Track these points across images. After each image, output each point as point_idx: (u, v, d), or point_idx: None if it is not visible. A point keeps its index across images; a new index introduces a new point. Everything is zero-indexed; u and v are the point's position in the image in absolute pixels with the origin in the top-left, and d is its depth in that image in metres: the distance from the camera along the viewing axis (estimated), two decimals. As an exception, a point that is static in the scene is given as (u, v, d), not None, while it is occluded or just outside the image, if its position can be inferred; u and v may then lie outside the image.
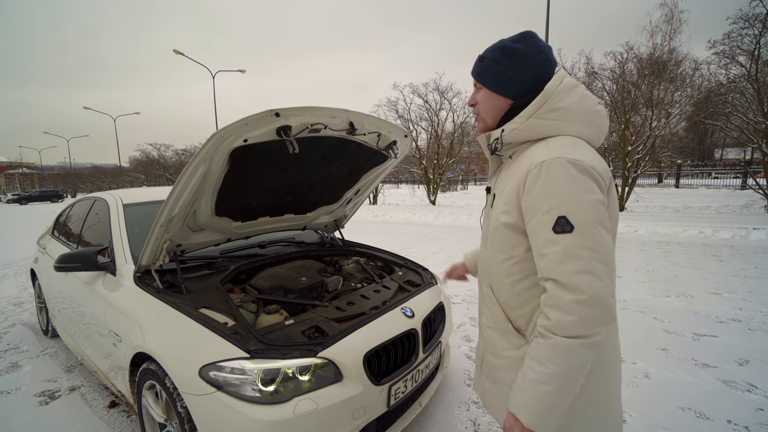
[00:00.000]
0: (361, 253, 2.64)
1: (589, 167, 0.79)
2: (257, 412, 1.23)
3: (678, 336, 2.92)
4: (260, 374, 1.29)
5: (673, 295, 3.87)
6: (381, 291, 2.01)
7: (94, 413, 2.12)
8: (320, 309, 1.78)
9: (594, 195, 0.77)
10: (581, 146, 0.85)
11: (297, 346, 1.41)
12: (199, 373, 1.30)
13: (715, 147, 28.41)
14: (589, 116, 0.89)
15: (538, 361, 0.78)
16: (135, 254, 1.96)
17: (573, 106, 0.87)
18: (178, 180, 1.50)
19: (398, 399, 1.58)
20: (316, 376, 1.37)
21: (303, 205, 2.37)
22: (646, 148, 10.16)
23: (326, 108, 1.59)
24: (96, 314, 1.99)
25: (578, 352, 0.75)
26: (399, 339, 1.63)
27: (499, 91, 0.93)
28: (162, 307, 1.59)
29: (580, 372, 0.77)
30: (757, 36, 8.38)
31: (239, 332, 1.43)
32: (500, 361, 0.98)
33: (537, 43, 0.90)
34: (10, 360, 2.80)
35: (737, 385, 2.23)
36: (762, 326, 3.05)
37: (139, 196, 2.58)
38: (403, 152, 2.26)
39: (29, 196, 32.36)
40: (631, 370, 2.43)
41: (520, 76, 0.90)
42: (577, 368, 0.76)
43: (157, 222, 1.61)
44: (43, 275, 2.95)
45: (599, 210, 0.77)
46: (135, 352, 1.56)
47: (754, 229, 6.82)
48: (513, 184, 0.88)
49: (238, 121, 1.37)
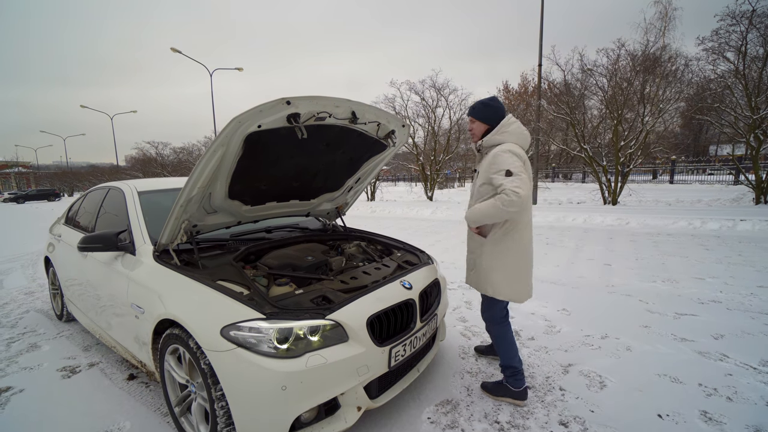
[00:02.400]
0: (362, 238, 2.80)
1: (514, 151, 1.83)
2: (274, 364, 1.39)
3: (660, 315, 3.10)
4: (275, 333, 1.45)
5: (659, 280, 4.05)
6: (381, 268, 2.18)
7: (114, 385, 2.28)
8: (326, 282, 1.94)
9: (517, 160, 1.80)
10: (514, 146, 1.88)
11: (307, 310, 1.57)
12: (220, 333, 1.46)
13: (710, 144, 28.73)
14: (519, 135, 1.93)
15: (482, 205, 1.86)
16: (151, 236, 2.12)
17: (513, 130, 1.91)
18: (198, 163, 1.65)
19: (398, 361, 1.74)
20: (325, 336, 1.54)
21: (307, 191, 2.53)
22: (638, 143, 10.36)
23: (331, 98, 1.75)
24: (115, 293, 2.15)
25: (500, 209, 1.74)
26: (398, 307, 1.80)
27: (483, 121, 1.98)
28: (183, 279, 1.75)
29: (495, 216, 1.81)
30: (743, 33, 8.59)
31: (255, 299, 1.59)
32: (476, 252, 2.06)
33: (499, 104, 1.99)
34: (29, 341, 2.95)
35: (711, 356, 2.42)
36: (740, 306, 3.24)
37: (151, 185, 2.72)
38: (401, 141, 2.42)
39: (26, 195, 32.29)
40: (614, 344, 2.61)
41: (492, 116, 1.96)
42: (493, 214, 1.80)
43: (177, 202, 1.77)
44: (59, 262, 3.09)
45: (520, 165, 1.79)
46: (159, 319, 1.71)
47: (741, 220, 7.04)
48: (486, 164, 1.90)
49: (253, 108, 1.53)
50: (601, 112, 11.47)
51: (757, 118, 8.83)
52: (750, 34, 8.53)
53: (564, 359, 2.43)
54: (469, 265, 2.13)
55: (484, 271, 1.98)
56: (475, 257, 2.05)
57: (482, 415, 1.91)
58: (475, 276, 2.07)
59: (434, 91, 14.42)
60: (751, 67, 8.96)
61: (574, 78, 11.62)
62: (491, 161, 1.84)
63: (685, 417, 1.83)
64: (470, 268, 2.12)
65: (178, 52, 18.42)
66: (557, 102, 11.58)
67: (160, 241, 1.93)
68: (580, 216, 8.50)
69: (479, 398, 2.04)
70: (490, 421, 1.86)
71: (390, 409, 1.95)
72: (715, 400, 1.96)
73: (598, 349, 2.54)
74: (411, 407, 1.98)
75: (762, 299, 3.39)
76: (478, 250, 2.03)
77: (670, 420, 1.81)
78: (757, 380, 2.12)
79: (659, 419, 1.82)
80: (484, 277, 1.99)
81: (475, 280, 2.07)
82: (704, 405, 1.92)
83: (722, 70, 9.62)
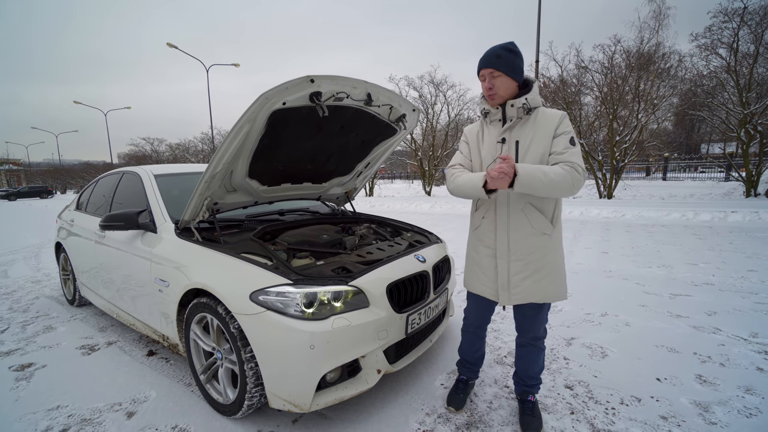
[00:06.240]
0: (372, 221, 2.89)
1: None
2: (302, 325, 1.48)
3: (656, 296, 3.23)
4: (302, 297, 1.53)
5: (655, 266, 4.20)
6: (394, 245, 2.27)
7: (135, 360, 2.35)
8: (344, 256, 2.03)
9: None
10: None
11: (330, 278, 1.66)
12: (249, 297, 1.55)
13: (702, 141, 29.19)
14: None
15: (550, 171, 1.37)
16: (170, 215, 2.20)
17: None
18: (224, 139, 1.73)
19: (414, 329, 1.84)
20: (347, 303, 1.63)
21: (320, 174, 2.61)
22: (632, 139, 10.55)
23: (350, 78, 1.84)
24: (135, 271, 2.22)
25: (569, 184, 1.37)
26: (414, 278, 1.89)
27: (513, 76, 1.48)
28: (208, 252, 1.83)
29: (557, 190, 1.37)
30: (735, 29, 8.79)
31: (279, 267, 1.68)
32: (542, 252, 1.51)
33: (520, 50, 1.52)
34: (43, 324, 3.00)
35: (704, 329, 2.55)
36: (731, 288, 3.39)
37: (165, 170, 2.78)
38: (411, 125, 2.51)
39: (18, 192, 31.84)
40: (614, 321, 2.73)
41: (522, 68, 1.50)
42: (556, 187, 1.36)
43: (202, 178, 1.84)
44: (73, 246, 3.14)
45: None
46: (187, 289, 1.79)
47: (732, 212, 7.24)
48: (546, 132, 1.46)
49: (280, 85, 1.61)
50: (596, 110, 11.65)
51: (747, 113, 9.06)
52: (741, 30, 8.74)
53: (567, 334, 2.54)
54: (521, 274, 1.51)
55: (554, 271, 1.52)
56: (538, 258, 1.50)
57: (492, 380, 2.02)
58: (535, 285, 1.50)
59: (432, 87, 14.53)
60: (743, 64, 9.18)
61: (571, 75, 11.78)
62: (556, 124, 1.44)
63: (682, 380, 1.95)
64: (525, 276, 1.51)
65: (174, 47, 18.30)
66: (554, 98, 11.74)
67: (183, 218, 2.00)
68: (576, 209, 8.66)
69: (489, 367, 2.15)
70: (500, 386, 1.97)
71: (405, 376, 2.05)
72: (709, 366, 2.08)
73: (599, 325, 2.66)
74: (424, 375, 2.08)
75: (752, 281, 3.54)
76: (542, 249, 1.49)
77: (668, 383, 1.93)
78: (748, 349, 2.26)
79: (658, 382, 1.94)
80: (552, 281, 1.51)
81: (535, 291, 1.51)
82: (699, 370, 2.04)
83: (714, 66, 9.84)
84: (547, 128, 1.45)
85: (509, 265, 1.53)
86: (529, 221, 1.49)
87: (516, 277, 1.52)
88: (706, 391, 1.85)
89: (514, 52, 1.47)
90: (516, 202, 1.51)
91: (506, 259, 1.54)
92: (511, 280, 1.53)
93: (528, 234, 1.50)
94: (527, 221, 1.50)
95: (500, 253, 1.55)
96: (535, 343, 1.65)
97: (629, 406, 1.76)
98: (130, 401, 1.92)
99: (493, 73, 1.47)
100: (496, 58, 1.46)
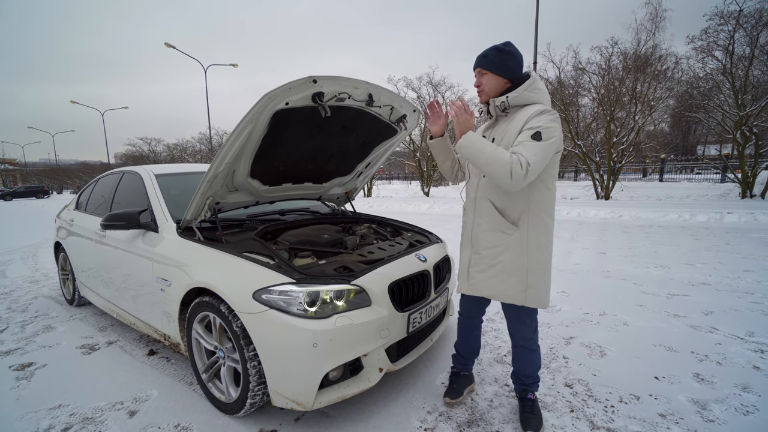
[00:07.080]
0: (372, 221, 2.90)
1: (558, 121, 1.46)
2: (305, 324, 1.49)
3: (654, 296, 3.26)
4: (305, 296, 1.54)
5: (652, 266, 4.23)
6: (395, 245, 2.28)
7: (136, 360, 2.35)
8: (345, 255, 2.04)
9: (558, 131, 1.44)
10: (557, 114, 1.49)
11: (332, 276, 1.67)
12: (252, 296, 1.56)
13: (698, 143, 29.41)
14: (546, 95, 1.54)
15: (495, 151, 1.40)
16: (172, 215, 2.20)
17: (543, 89, 1.52)
18: (226, 139, 1.74)
19: (415, 327, 1.85)
20: (349, 302, 1.64)
21: (321, 174, 2.62)
22: (629, 140, 10.62)
23: (352, 79, 1.85)
24: (136, 270, 2.22)
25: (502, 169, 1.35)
26: (415, 277, 1.91)
27: (502, 75, 1.52)
28: (210, 251, 1.84)
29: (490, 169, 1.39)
30: (731, 32, 8.87)
31: (282, 267, 1.69)
32: (497, 250, 1.55)
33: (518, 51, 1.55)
34: (42, 323, 3.00)
35: (702, 329, 2.57)
36: (728, 288, 3.42)
37: (166, 169, 2.79)
38: (412, 126, 2.52)
39: (14, 192, 31.62)
40: (612, 320, 2.76)
41: (514, 67, 1.51)
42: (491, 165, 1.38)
43: (204, 178, 1.85)
44: (72, 246, 3.14)
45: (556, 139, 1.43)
46: (189, 288, 1.80)
47: (728, 213, 7.30)
48: (516, 127, 1.46)
49: (283, 85, 1.62)
50: (594, 111, 11.73)
51: (743, 115, 9.14)
52: (737, 33, 8.83)
53: (565, 333, 2.57)
54: (470, 268, 1.63)
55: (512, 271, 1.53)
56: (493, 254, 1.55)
57: (493, 379, 2.03)
58: (487, 280, 1.58)
59: (431, 88, 14.57)
60: (738, 66, 9.26)
61: (568, 76, 11.86)
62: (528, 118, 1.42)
63: (680, 378, 1.97)
64: (474, 270, 1.61)
65: (172, 47, 18.27)
66: (551, 99, 11.80)
67: (185, 217, 2.01)
68: (574, 210, 8.71)
69: (489, 365, 2.17)
70: (501, 384, 1.99)
71: (407, 375, 2.06)
72: (706, 364, 2.11)
73: (597, 324, 2.69)
74: (425, 374, 2.09)
75: (748, 281, 3.58)
76: (499, 247, 1.53)
77: (666, 381, 1.95)
78: (744, 348, 2.28)
79: (656, 380, 1.96)
80: (505, 280, 1.54)
81: (485, 286, 1.59)
82: (697, 369, 2.07)
83: (710, 69, 9.92)
84: (519, 123, 1.45)
85: (470, 256, 1.65)
86: (488, 217, 1.57)
87: (472, 268, 1.63)
88: (704, 389, 1.87)
89: (504, 51, 1.51)
90: (481, 199, 1.61)
91: (469, 249, 1.66)
92: (469, 270, 1.65)
93: (485, 230, 1.58)
94: (487, 217, 1.58)
95: (464, 243, 1.70)
96: (525, 344, 1.67)
97: (628, 404, 1.78)
98: (132, 400, 1.92)
99: (480, 71, 1.56)
100: (483, 57, 1.55)
